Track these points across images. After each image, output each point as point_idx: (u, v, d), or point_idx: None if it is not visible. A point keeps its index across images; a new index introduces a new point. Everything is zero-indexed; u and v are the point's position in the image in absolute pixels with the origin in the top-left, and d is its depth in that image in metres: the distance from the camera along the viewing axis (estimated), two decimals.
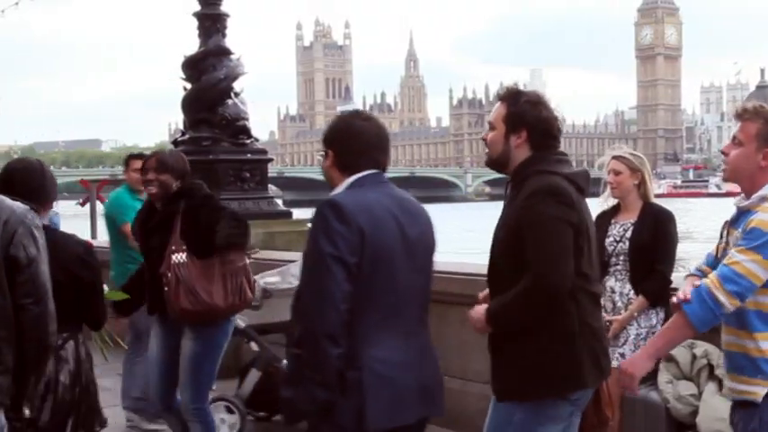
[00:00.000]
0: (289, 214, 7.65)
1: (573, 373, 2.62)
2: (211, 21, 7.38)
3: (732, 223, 2.58)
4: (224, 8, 7.47)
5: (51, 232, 3.12)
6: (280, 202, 7.70)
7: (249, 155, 7.40)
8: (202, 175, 7.01)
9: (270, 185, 8.21)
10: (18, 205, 2.58)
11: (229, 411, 4.90)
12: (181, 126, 7.71)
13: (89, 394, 3.36)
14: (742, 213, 2.52)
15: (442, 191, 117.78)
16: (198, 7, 7.38)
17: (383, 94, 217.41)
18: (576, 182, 2.68)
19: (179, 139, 7.53)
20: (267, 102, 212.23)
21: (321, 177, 2.80)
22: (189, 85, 7.37)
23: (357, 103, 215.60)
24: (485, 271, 2.83)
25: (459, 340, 4.83)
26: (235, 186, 7.21)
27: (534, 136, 2.70)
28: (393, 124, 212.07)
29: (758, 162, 2.49)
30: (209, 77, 7.26)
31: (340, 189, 2.56)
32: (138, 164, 4.97)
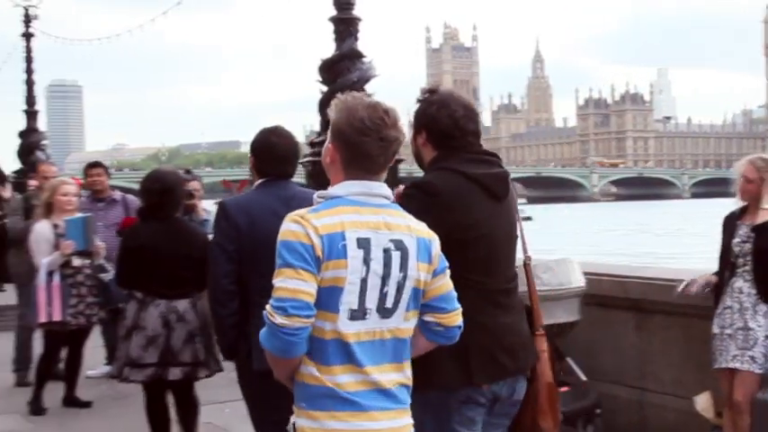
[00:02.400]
0: None
1: (455, 369, 2.51)
2: (345, 25, 7.37)
3: None
4: (356, 12, 7.43)
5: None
6: None
7: None
8: None
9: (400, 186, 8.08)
10: None
11: None
12: (315, 128, 7.71)
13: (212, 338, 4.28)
14: None
15: (567, 191, 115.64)
16: (333, 12, 7.37)
17: (509, 95, 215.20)
18: (480, 182, 2.61)
19: (315, 140, 7.55)
20: (397, 103, 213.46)
21: None
22: (325, 88, 7.38)
23: (484, 104, 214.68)
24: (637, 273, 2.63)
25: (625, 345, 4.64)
26: None
27: (433, 136, 2.69)
28: (519, 125, 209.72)
29: None
30: (343, 80, 7.24)
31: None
32: None
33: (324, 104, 7.38)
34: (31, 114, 15.46)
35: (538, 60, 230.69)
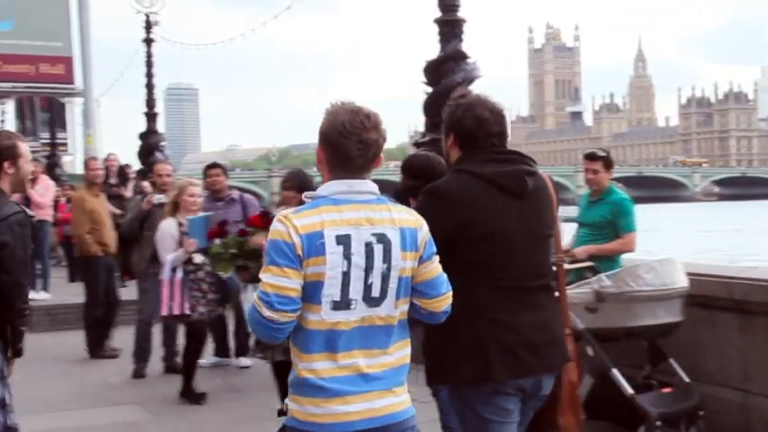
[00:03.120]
0: None
1: (469, 363, 2.57)
2: (450, 26, 7.39)
3: None
4: (461, 14, 7.45)
5: None
6: None
7: None
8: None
9: None
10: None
11: None
12: (420, 128, 7.76)
13: None
14: None
15: (669, 191, 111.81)
16: (438, 14, 7.42)
17: (611, 95, 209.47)
18: (492, 180, 2.66)
19: (420, 140, 7.62)
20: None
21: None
22: (429, 89, 7.43)
23: (586, 104, 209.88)
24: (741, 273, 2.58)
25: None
26: None
27: (459, 138, 2.75)
28: (621, 124, 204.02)
29: None
30: (447, 81, 7.27)
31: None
32: None
33: (428, 105, 7.43)
34: (150, 117, 15.96)
35: (640, 59, 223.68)
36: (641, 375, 4.87)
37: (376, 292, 2.21)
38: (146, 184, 9.20)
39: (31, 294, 9.91)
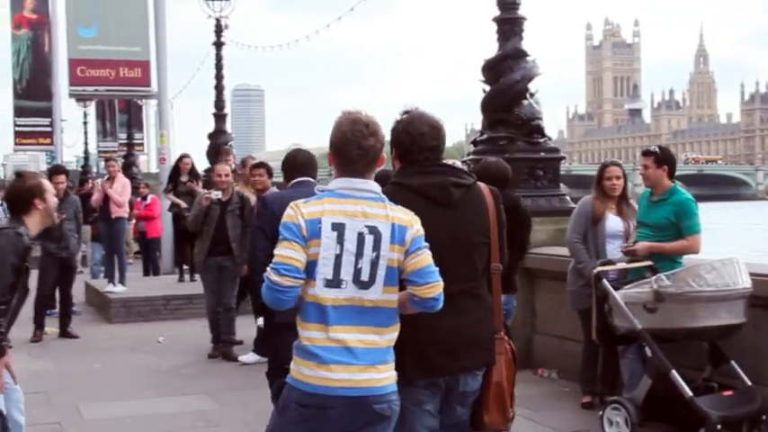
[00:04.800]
0: None
1: (397, 365, 2.70)
2: (509, 24, 7.24)
3: None
4: (521, 12, 7.28)
5: None
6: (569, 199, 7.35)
7: (543, 153, 7.15)
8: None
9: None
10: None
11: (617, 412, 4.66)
12: (476, 127, 7.64)
13: None
14: None
15: (731, 189, 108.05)
16: (497, 12, 7.27)
17: (671, 91, 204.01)
18: (422, 192, 2.83)
19: (478, 138, 7.49)
20: (556, 101, 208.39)
21: None
22: (488, 88, 7.29)
23: (645, 101, 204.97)
24: None
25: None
26: (528, 184, 6.99)
27: (398, 152, 2.94)
28: (681, 121, 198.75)
29: None
30: (506, 79, 7.12)
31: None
32: None
33: (486, 104, 7.31)
34: (219, 117, 16.24)
35: (701, 55, 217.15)
36: (701, 377, 4.69)
37: (365, 277, 2.53)
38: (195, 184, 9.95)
39: (109, 287, 10.20)
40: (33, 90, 27.65)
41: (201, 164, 16.60)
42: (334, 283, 2.52)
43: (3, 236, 3.68)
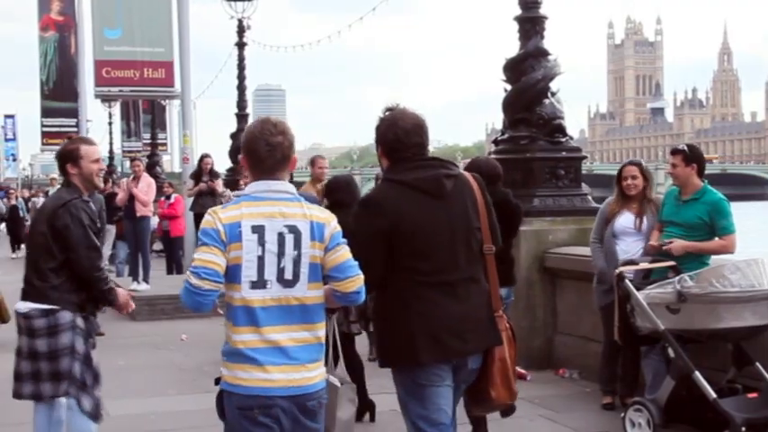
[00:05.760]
0: None
1: (402, 349, 2.91)
2: (531, 23, 7.19)
3: None
4: (542, 11, 7.23)
5: None
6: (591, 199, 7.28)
7: (564, 153, 7.08)
8: (520, 173, 6.97)
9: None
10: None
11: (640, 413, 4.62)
12: (497, 126, 7.59)
13: None
14: None
15: (756, 189, 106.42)
16: (519, 11, 7.22)
17: (694, 90, 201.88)
18: (418, 186, 2.96)
19: (499, 138, 7.45)
20: (577, 100, 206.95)
21: None
22: (509, 87, 7.24)
23: (667, 100, 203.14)
24: None
25: None
26: (550, 183, 6.93)
27: (384, 150, 3.07)
28: (704, 120, 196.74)
29: None
30: (527, 78, 7.07)
31: None
32: None
33: (508, 103, 7.26)
34: (241, 117, 16.25)
35: (725, 52, 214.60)
36: (725, 379, 4.61)
37: (289, 275, 2.59)
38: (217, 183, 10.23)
39: (133, 285, 10.26)
40: (60, 91, 27.97)
41: (224, 164, 16.78)
42: (260, 284, 2.57)
43: (71, 206, 3.83)
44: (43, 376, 3.83)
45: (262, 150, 2.62)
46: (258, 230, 2.56)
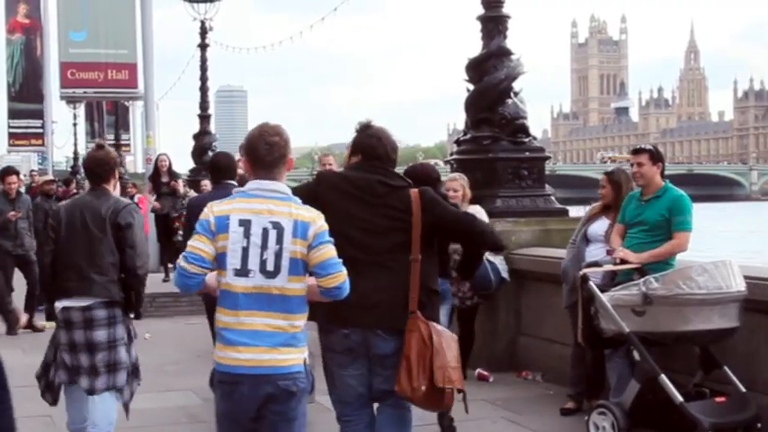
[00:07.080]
0: (565, 212, 7.06)
1: (311, 314, 3.06)
2: (494, 23, 7.06)
3: None
4: (505, 10, 7.09)
5: None
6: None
7: (527, 153, 6.96)
8: (483, 173, 6.83)
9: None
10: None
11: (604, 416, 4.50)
12: (459, 126, 7.45)
13: None
14: None
15: (723, 189, 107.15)
16: (481, 11, 7.07)
17: (660, 89, 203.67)
18: (354, 182, 3.47)
19: (461, 138, 7.30)
20: (541, 100, 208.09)
21: (594, 175, 2.92)
22: (471, 87, 7.10)
23: (632, 99, 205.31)
24: None
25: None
26: (513, 184, 6.82)
27: (365, 157, 3.52)
28: (670, 120, 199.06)
29: None
30: (490, 78, 6.94)
31: None
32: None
33: (470, 103, 7.13)
34: (204, 118, 16.10)
35: (692, 51, 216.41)
36: (692, 383, 4.49)
37: (270, 267, 2.82)
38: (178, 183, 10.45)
39: None
40: (26, 93, 28.17)
41: (186, 164, 16.52)
42: (243, 272, 2.82)
43: (134, 210, 4.12)
44: (108, 367, 3.99)
45: (261, 149, 2.89)
46: (245, 224, 2.82)
